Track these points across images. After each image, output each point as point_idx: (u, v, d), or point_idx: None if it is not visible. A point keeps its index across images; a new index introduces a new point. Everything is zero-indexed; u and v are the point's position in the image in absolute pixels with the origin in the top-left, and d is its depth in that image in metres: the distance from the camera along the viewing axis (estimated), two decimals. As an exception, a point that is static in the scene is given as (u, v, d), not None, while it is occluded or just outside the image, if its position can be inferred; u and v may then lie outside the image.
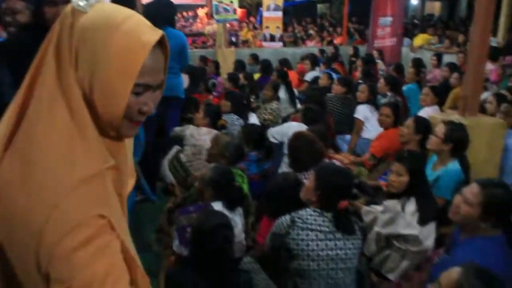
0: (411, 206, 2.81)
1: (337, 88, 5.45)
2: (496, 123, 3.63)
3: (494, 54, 7.72)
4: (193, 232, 2.29)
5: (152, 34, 0.93)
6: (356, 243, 2.53)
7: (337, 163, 3.52)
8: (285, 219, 2.49)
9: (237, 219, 2.78)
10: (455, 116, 3.59)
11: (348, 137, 5.26)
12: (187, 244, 2.51)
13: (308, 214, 2.49)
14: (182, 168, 4.14)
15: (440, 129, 3.18)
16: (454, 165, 3.14)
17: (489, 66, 7.35)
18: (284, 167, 3.96)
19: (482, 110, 4.11)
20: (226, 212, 2.62)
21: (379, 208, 2.98)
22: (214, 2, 9.62)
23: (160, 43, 0.96)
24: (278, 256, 2.52)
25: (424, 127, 3.54)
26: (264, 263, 2.63)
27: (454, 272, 1.68)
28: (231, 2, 9.53)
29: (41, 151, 0.86)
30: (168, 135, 4.62)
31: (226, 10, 9.57)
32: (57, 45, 0.92)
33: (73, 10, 0.92)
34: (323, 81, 6.27)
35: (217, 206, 2.67)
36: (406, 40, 11.52)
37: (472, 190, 2.21)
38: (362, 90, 5.13)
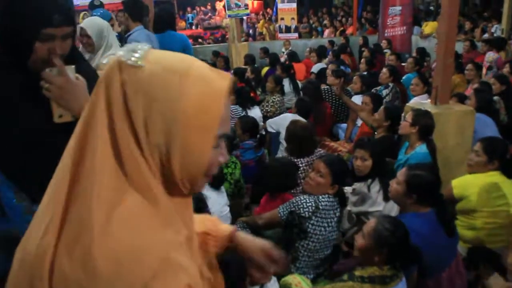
0: (376, 186, 3.20)
1: (331, 79, 5.80)
2: (465, 110, 3.97)
3: (499, 44, 7.91)
4: None
5: (221, 78, 0.84)
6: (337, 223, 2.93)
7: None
8: (310, 203, 2.69)
9: (221, 196, 3.24)
10: (427, 105, 3.95)
11: (344, 125, 5.63)
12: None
13: (326, 201, 2.75)
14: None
15: (409, 115, 3.56)
16: (421, 149, 3.50)
17: (492, 55, 7.55)
18: (281, 155, 4.40)
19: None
20: (210, 190, 3.10)
21: (349, 189, 3.38)
22: (226, -1, 9.99)
23: None
24: (290, 233, 2.76)
25: (392, 114, 3.92)
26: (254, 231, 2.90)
27: (371, 221, 2.20)
28: (243, -3, 9.89)
29: (112, 241, 0.74)
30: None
31: (237, 5, 9.92)
32: (109, 112, 0.79)
33: (121, 64, 0.80)
34: (330, 80, 6.44)
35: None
36: (416, 29, 11.70)
37: (401, 172, 2.62)
38: (355, 82, 5.49)
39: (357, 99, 5.38)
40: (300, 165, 3.56)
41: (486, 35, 10.44)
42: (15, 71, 1.51)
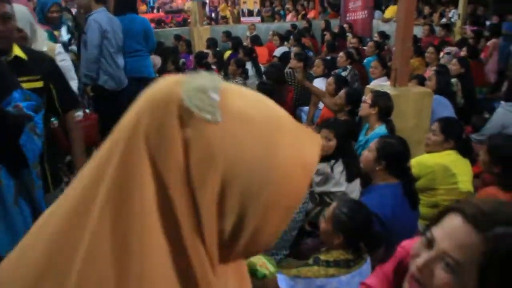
0: (340, 166, 3.26)
1: (293, 63, 5.83)
2: (424, 92, 4.08)
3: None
4: None
5: (311, 144, 0.65)
6: None
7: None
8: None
9: None
10: (386, 87, 4.03)
11: (307, 108, 5.68)
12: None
13: None
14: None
15: (368, 97, 3.63)
16: (380, 129, 3.58)
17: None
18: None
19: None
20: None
21: (313, 169, 3.43)
22: (188, -19, 9.86)
23: None
24: None
25: (353, 98, 3.99)
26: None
27: (332, 205, 2.23)
28: (204, -20, 9.78)
29: None
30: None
31: (199, -12, 9.83)
32: (158, 181, 0.56)
33: (184, 113, 0.55)
34: (292, 63, 6.46)
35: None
36: (377, 13, 11.85)
37: (374, 140, 2.72)
38: (317, 65, 5.54)
39: (319, 82, 5.44)
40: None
41: (444, 20, 10.69)
42: None
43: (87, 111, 4.10)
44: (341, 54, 6.33)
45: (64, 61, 3.27)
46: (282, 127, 0.61)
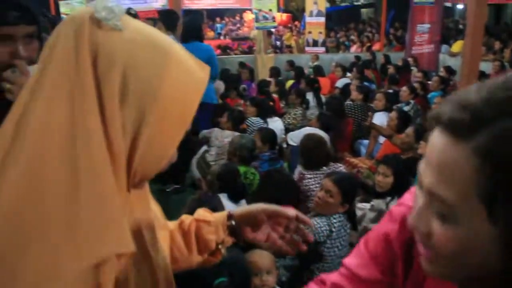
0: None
1: (354, 94, 5.80)
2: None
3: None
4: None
5: (201, 69, 0.76)
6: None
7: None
8: (324, 227, 2.72)
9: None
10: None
11: (366, 141, 5.61)
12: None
13: (338, 221, 2.77)
14: (207, 166, 4.64)
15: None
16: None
17: None
18: (300, 168, 4.41)
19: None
20: (229, 203, 3.09)
21: (368, 205, 3.37)
22: (254, 10, 10.06)
23: None
24: (305, 258, 2.72)
25: (422, 136, 3.87)
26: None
27: None
28: (270, 10, 9.96)
29: None
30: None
31: (265, 18, 10.00)
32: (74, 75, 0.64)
33: (94, 22, 0.67)
34: (353, 95, 6.43)
35: (223, 197, 3.15)
36: (444, 47, 11.60)
37: None
38: (379, 98, 5.47)
39: (380, 116, 5.37)
40: (309, 177, 3.57)
41: (516, 56, 10.30)
42: None
43: None
44: (404, 88, 6.22)
45: None
46: (175, 47, 0.73)
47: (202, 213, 1.14)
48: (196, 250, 1.10)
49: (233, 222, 1.10)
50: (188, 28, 4.89)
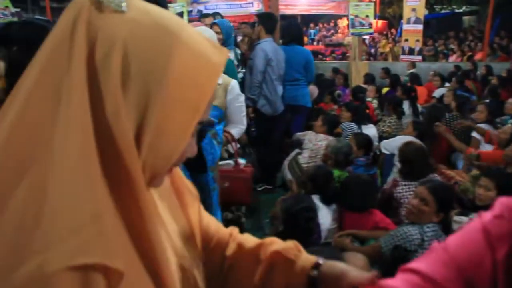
0: (497, 219, 3.05)
1: (447, 101, 5.58)
2: None
3: None
4: (282, 213, 2.80)
5: (218, 52, 0.70)
6: None
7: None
8: (416, 236, 2.63)
9: (328, 212, 3.17)
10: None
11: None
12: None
13: (431, 230, 2.69)
14: (299, 168, 4.69)
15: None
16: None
17: None
18: (393, 177, 4.34)
19: None
20: (321, 204, 3.12)
21: (465, 219, 3.25)
22: (351, 16, 9.98)
23: None
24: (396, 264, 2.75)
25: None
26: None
27: None
28: (367, 16, 9.84)
29: None
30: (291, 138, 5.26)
31: (361, 24, 9.89)
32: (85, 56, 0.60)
33: (96, 3, 0.62)
34: (447, 99, 6.32)
35: (315, 198, 3.18)
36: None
37: None
38: (481, 110, 5.23)
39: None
40: (403, 184, 3.54)
41: None
42: None
43: (241, 161, 3.59)
44: (510, 100, 5.86)
45: (241, 103, 3.08)
46: (188, 29, 0.67)
47: (288, 246, 0.96)
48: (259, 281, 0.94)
49: (316, 273, 0.90)
50: (290, 31, 5.00)
